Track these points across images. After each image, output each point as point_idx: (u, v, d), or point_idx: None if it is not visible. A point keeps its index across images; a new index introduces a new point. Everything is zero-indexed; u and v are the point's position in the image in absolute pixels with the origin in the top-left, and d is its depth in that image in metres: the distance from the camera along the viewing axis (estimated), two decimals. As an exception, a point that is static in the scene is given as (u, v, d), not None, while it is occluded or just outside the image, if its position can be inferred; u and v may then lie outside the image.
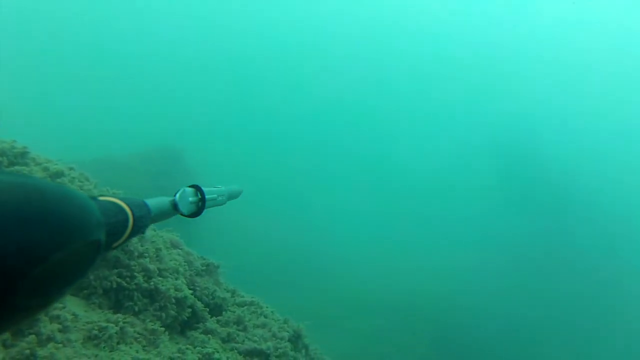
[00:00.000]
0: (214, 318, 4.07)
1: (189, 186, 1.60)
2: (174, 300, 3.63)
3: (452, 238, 15.15)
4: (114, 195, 1.04)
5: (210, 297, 4.23)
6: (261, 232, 13.09)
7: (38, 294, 0.61)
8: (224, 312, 4.16)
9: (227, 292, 4.57)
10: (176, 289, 3.70)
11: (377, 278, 11.81)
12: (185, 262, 4.20)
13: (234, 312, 4.16)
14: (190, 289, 4.16)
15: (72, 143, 11.32)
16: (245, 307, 4.36)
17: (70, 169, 4.13)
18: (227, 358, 3.69)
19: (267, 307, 4.49)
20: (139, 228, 1.10)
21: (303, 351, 4.31)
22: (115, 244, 1.00)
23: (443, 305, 11.66)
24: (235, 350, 3.82)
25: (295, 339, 4.25)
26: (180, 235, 4.57)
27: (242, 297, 4.60)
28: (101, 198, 0.98)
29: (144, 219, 1.13)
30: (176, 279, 3.82)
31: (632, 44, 28.46)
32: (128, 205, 1.04)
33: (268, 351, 3.86)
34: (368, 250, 13.46)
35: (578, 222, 15.80)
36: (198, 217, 1.66)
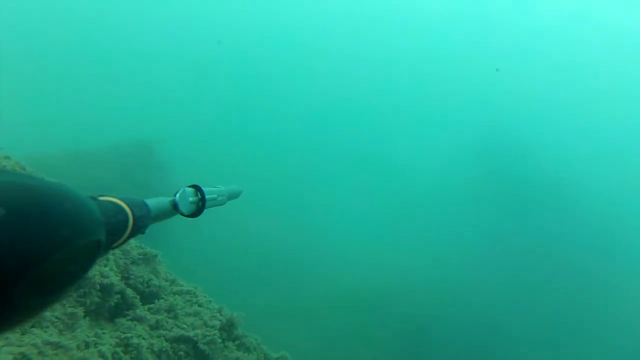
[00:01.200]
0: (146, 306, 4.12)
1: (189, 186, 1.60)
2: (99, 287, 3.67)
3: (430, 234, 15.21)
4: (111, 195, 1.05)
5: (145, 285, 4.27)
6: (238, 228, 13.08)
7: (38, 294, 0.61)
8: (156, 300, 4.20)
9: (166, 281, 4.61)
10: (102, 276, 3.74)
11: (352, 274, 11.86)
12: (119, 250, 4.24)
13: (167, 300, 4.21)
14: (124, 277, 4.22)
15: (41, 136, 11.28)
16: (181, 296, 4.40)
17: (6, 157, 4.16)
18: (151, 344, 3.74)
19: (204, 296, 4.54)
20: (139, 228, 1.10)
21: (237, 341, 4.36)
22: (115, 244, 1.00)
23: (417, 301, 11.70)
24: (163, 337, 3.86)
25: (229, 327, 4.30)
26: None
27: (181, 285, 4.64)
28: (101, 198, 0.98)
29: (144, 219, 1.13)
30: (105, 265, 3.87)
31: (627, 43, 28.70)
32: (128, 205, 1.04)
33: (195, 338, 3.91)
34: (344, 246, 13.51)
35: (561, 220, 15.94)
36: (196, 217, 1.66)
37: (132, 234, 1.06)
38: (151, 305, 4.12)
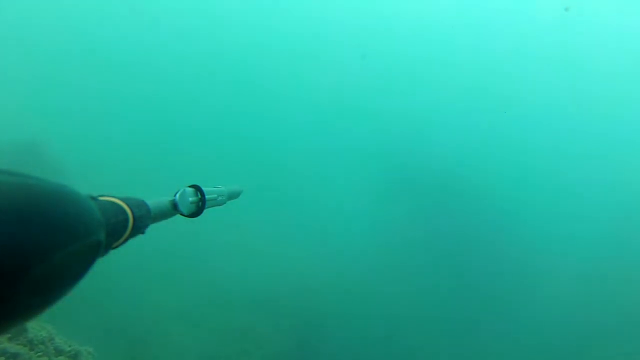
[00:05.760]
0: None
1: (189, 186, 1.63)
2: None
3: (326, 230, 15.09)
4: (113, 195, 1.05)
5: None
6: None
7: (38, 294, 0.62)
8: None
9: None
10: None
11: (243, 272, 11.80)
12: None
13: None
14: None
15: None
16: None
17: None
18: None
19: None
20: (139, 228, 1.10)
21: (19, 335, 4.43)
22: (115, 244, 1.01)
23: (311, 300, 11.72)
24: None
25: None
26: None
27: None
28: (101, 198, 0.99)
29: (144, 219, 1.13)
30: None
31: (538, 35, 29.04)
32: (128, 205, 1.05)
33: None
34: (234, 242, 13.08)
35: (469, 219, 16.07)
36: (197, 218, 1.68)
37: (132, 234, 1.07)
38: None
